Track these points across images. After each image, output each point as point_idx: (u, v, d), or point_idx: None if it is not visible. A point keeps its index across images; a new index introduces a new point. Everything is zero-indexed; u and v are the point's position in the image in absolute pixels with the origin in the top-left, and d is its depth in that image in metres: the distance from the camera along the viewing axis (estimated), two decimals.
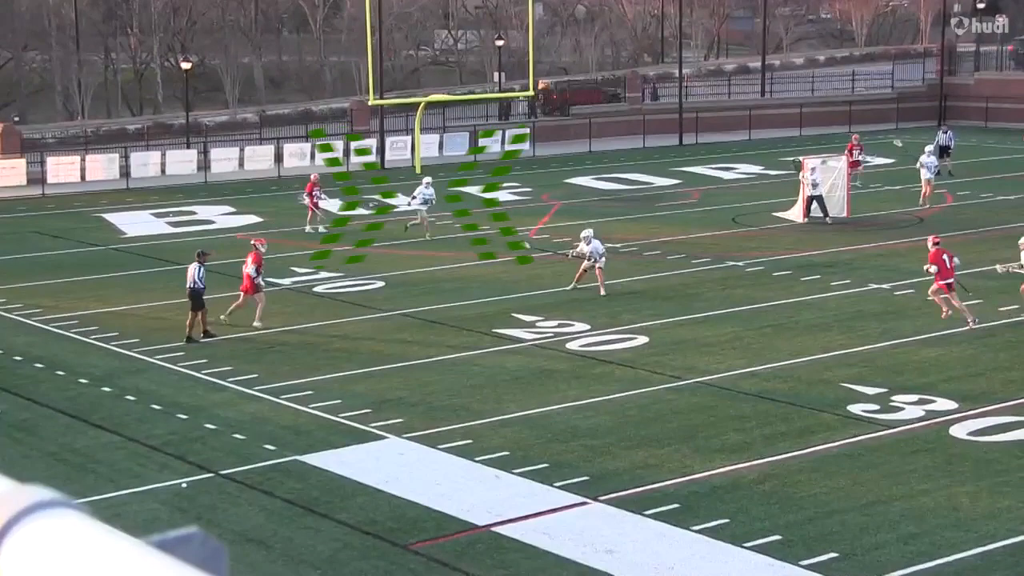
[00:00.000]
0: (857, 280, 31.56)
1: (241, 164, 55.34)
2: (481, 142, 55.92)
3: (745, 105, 70.09)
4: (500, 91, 68.63)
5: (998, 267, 28.15)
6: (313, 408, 22.30)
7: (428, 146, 58.29)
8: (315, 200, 40.53)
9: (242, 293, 27.89)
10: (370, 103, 57.65)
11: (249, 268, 27.73)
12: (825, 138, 64.68)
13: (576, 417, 21.62)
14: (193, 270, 27.15)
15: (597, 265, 30.21)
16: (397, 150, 58.56)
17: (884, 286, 30.80)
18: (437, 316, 29.09)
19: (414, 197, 38.69)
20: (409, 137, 59.14)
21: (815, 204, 39.73)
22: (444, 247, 37.65)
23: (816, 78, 76.05)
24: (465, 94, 70.13)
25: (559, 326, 27.73)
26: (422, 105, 58.63)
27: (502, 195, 47.59)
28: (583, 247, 30.46)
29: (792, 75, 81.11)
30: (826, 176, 40.43)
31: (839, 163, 41.68)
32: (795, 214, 40.56)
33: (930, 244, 27.31)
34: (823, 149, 54.35)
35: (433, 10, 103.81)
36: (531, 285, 31.83)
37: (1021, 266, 27.10)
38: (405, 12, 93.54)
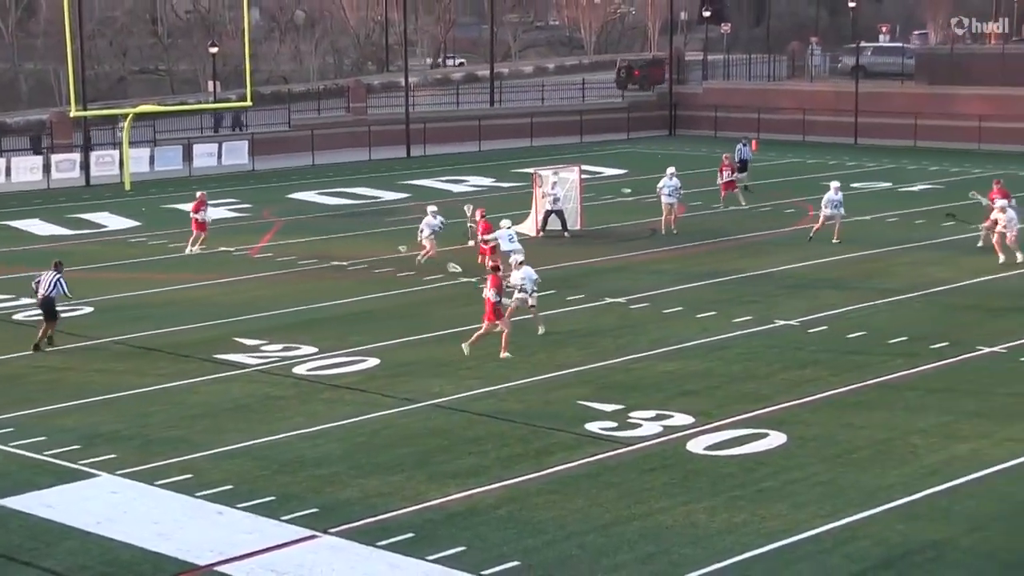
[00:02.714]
0: (591, 294, 32.38)
1: None
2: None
3: (474, 115, 71.15)
4: (215, 101, 67.64)
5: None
6: (13, 447, 21.52)
7: (138, 160, 57.03)
8: (202, 219, 38.75)
9: (485, 322, 26.73)
10: (72, 115, 56.11)
11: (488, 292, 26.61)
12: (555, 148, 66.20)
13: (304, 445, 21.53)
14: (49, 278, 27.66)
15: (530, 300, 27.95)
16: (104, 165, 57.06)
17: (619, 300, 31.69)
18: (152, 342, 28.48)
19: (421, 231, 36.58)
20: (117, 151, 57.75)
21: (552, 218, 40.57)
22: (158, 268, 36.87)
23: (546, 87, 77.69)
24: (177, 104, 68.87)
25: (284, 349, 27.55)
26: (130, 117, 57.37)
27: (219, 212, 47.04)
28: (513, 275, 28.11)
29: (522, 84, 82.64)
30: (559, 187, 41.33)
31: (572, 175, 42.74)
32: (528, 227, 41.35)
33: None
34: (554, 160, 55.62)
35: (140, 14, 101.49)
36: (253, 307, 31.49)
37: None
38: (109, 16, 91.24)
